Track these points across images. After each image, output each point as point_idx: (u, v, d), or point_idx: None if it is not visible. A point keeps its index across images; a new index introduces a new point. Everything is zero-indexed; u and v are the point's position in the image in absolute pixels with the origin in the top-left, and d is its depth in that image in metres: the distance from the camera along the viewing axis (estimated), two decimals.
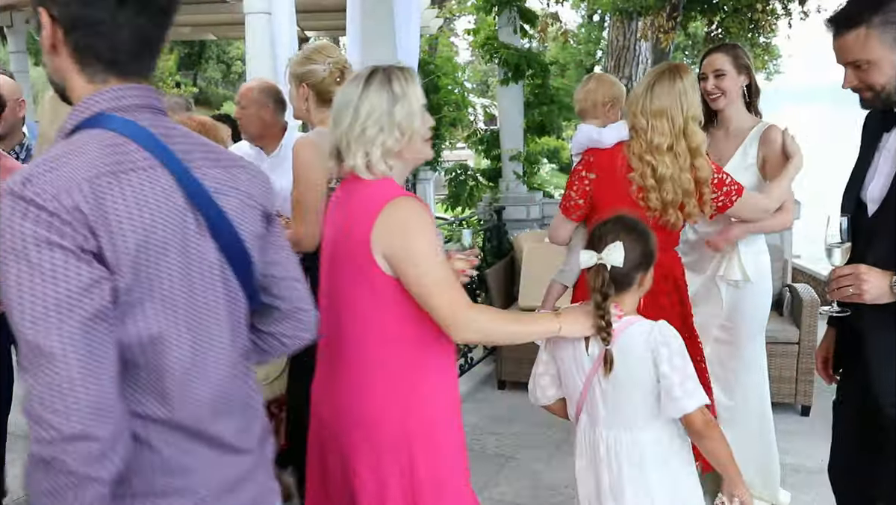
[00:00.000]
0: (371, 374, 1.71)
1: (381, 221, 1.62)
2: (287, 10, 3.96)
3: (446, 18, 14.84)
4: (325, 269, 1.82)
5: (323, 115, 2.43)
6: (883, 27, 1.67)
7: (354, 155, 1.67)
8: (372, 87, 1.67)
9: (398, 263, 1.62)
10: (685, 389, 1.72)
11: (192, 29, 9.92)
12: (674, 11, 6.98)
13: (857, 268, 1.73)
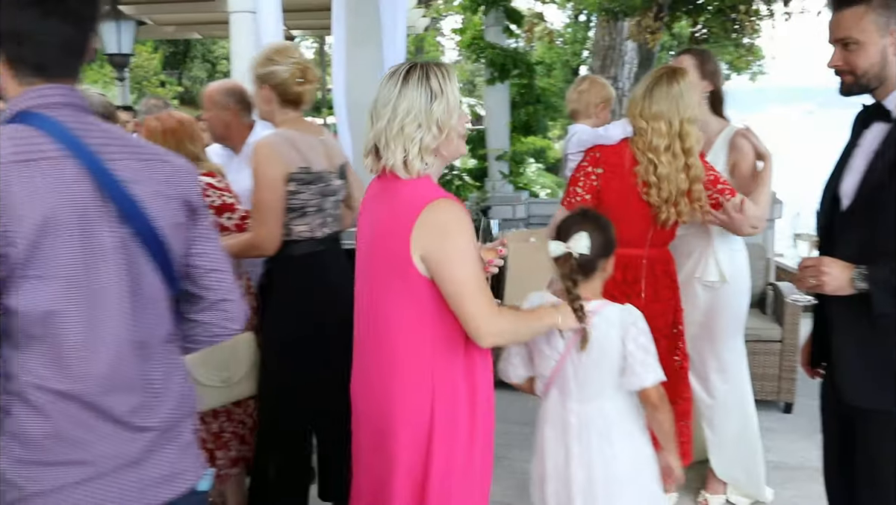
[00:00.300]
0: (403, 371, 1.74)
1: (421, 222, 1.64)
2: (273, 8, 3.94)
3: (433, 18, 14.82)
4: (361, 266, 1.86)
5: (286, 116, 2.43)
6: (880, 10, 1.70)
7: (394, 152, 1.69)
8: (410, 83, 1.68)
9: (435, 265, 1.66)
10: (647, 365, 1.93)
11: (176, 28, 9.86)
12: (660, 12, 7.01)
13: (820, 260, 1.78)
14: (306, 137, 2.42)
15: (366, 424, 1.85)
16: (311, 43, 28.47)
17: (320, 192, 2.41)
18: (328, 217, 2.47)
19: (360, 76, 3.46)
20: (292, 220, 2.38)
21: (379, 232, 1.75)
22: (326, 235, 2.47)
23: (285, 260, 2.41)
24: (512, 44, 6.53)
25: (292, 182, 2.33)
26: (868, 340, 1.79)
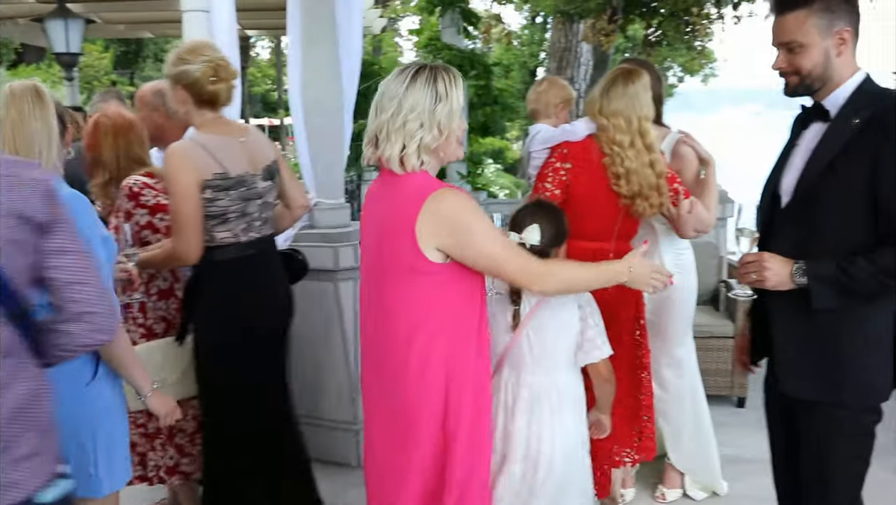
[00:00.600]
0: (416, 360, 1.79)
1: (426, 214, 1.71)
2: (227, 7, 3.87)
3: (390, 18, 14.79)
4: (367, 264, 1.91)
5: (204, 118, 2.36)
6: (821, 13, 1.74)
7: (392, 145, 1.75)
8: (418, 82, 1.74)
9: (461, 252, 1.75)
10: (597, 343, 2.11)
11: (126, 26, 9.63)
12: (614, 15, 7.11)
13: (761, 255, 1.82)
14: (223, 140, 2.35)
15: (381, 416, 1.88)
16: (268, 43, 28.17)
17: (241, 197, 2.35)
18: (255, 221, 2.41)
19: (315, 76, 3.42)
20: (214, 226, 2.33)
21: (383, 229, 1.80)
22: (254, 239, 2.42)
23: (210, 266, 2.36)
24: (469, 45, 6.55)
25: (208, 189, 2.27)
26: (809, 333, 1.83)
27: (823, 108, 1.82)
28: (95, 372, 1.91)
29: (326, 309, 3.45)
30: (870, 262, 1.70)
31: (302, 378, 3.55)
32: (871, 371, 1.83)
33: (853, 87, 1.78)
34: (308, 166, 3.49)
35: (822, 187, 1.76)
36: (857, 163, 1.71)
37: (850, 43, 1.76)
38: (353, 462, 3.47)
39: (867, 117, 1.72)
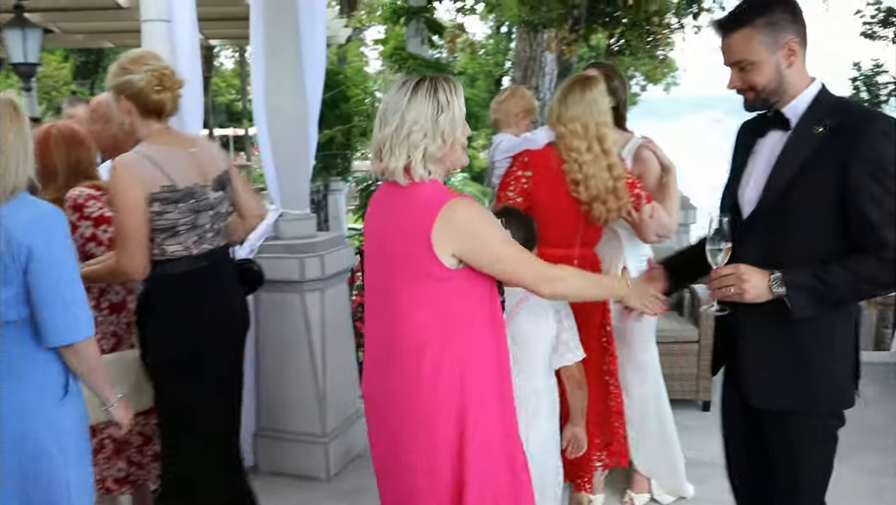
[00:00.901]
0: (429, 365, 1.79)
1: (441, 223, 1.74)
2: (188, 17, 3.83)
3: (355, 28, 14.78)
4: (373, 268, 1.92)
5: (150, 129, 2.33)
6: (765, 29, 1.76)
7: (396, 158, 1.77)
8: (419, 94, 1.77)
9: (477, 258, 1.79)
10: (571, 346, 2.21)
11: (85, 36, 9.47)
12: (576, 24, 7.20)
13: (737, 267, 1.77)
14: (171, 151, 2.32)
15: (390, 423, 1.86)
16: (231, 52, 27.92)
17: (191, 209, 2.32)
18: (207, 232, 2.39)
19: (279, 85, 3.40)
20: (164, 240, 2.30)
21: (394, 236, 1.82)
22: (206, 252, 2.39)
23: (161, 280, 2.34)
24: (435, 54, 6.58)
25: (156, 202, 2.24)
26: (779, 344, 1.83)
27: (783, 117, 1.83)
28: (66, 388, 1.87)
29: (293, 321, 3.42)
30: (846, 269, 1.71)
31: (269, 391, 3.52)
32: (839, 377, 1.85)
33: (811, 97, 1.80)
34: (273, 177, 3.47)
35: (791, 195, 1.77)
36: (826, 171, 1.72)
37: (798, 53, 1.78)
38: (323, 475, 3.44)
39: (832, 126, 1.74)
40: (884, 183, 1.68)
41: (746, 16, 1.79)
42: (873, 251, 1.70)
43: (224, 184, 2.46)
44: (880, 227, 1.68)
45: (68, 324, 1.81)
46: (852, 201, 1.70)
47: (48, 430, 1.82)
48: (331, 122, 8.66)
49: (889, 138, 1.70)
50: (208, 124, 18.25)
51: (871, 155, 1.68)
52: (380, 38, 6.56)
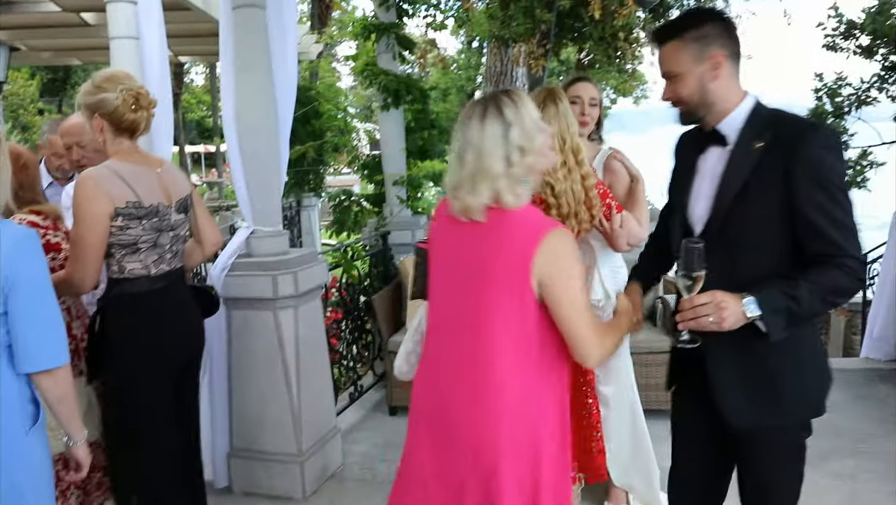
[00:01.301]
0: (510, 392, 1.75)
1: (544, 249, 1.70)
2: (157, 34, 3.81)
3: (326, 44, 14.78)
4: (451, 290, 1.85)
5: (119, 147, 2.34)
6: (693, 42, 1.79)
7: (478, 195, 1.74)
8: (487, 122, 1.74)
9: (555, 288, 1.72)
10: None
11: (52, 54, 9.37)
12: (543, 39, 7.27)
13: (714, 295, 1.71)
14: (139, 169, 2.33)
15: (454, 447, 1.82)
16: (202, 68, 27.78)
17: (154, 228, 2.33)
18: (166, 253, 2.39)
19: (249, 102, 3.38)
20: (124, 256, 2.30)
21: (483, 258, 1.76)
22: (164, 272, 2.39)
23: (118, 299, 2.32)
24: (406, 70, 6.60)
25: (120, 217, 2.25)
26: (747, 363, 1.82)
27: (719, 134, 1.84)
28: (36, 419, 1.82)
29: (266, 338, 3.39)
30: (813, 283, 1.70)
31: (242, 410, 3.48)
32: (810, 390, 1.87)
33: (747, 111, 1.82)
34: (244, 193, 3.44)
35: (738, 212, 1.77)
36: (769, 185, 1.73)
37: (725, 67, 1.79)
38: (298, 495, 3.40)
39: (771, 140, 1.75)
40: (829, 192, 1.70)
41: (677, 28, 1.83)
42: (833, 261, 1.70)
43: (187, 207, 2.48)
44: (835, 237, 1.70)
45: (48, 348, 1.77)
46: (801, 213, 1.71)
47: (16, 462, 1.75)
48: (303, 138, 8.64)
49: (828, 148, 1.72)
50: (179, 141, 18.10)
51: (812, 166, 1.69)
52: (351, 53, 6.56)
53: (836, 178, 1.72)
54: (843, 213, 1.71)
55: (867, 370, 4.83)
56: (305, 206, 10.04)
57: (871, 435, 3.82)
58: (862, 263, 1.74)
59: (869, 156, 8.35)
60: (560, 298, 1.72)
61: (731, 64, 1.81)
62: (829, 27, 8.28)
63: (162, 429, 2.37)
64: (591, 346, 1.75)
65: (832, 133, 1.78)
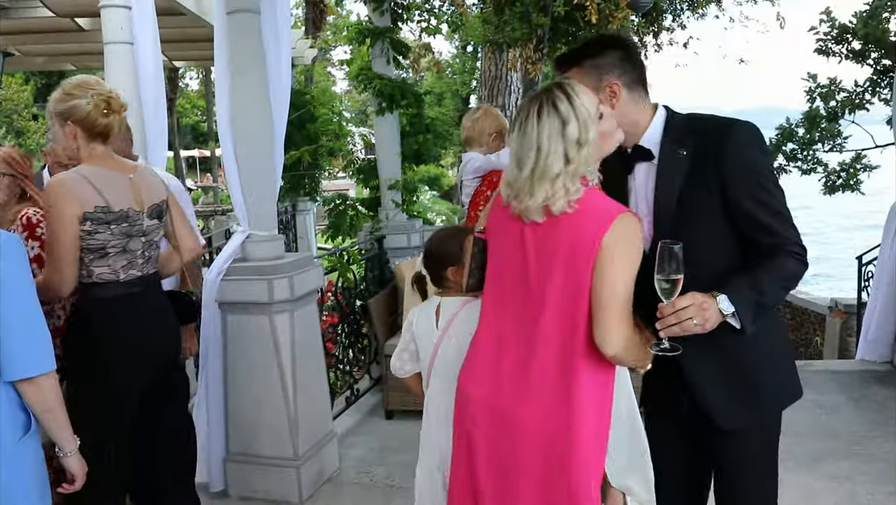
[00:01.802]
0: (579, 381, 1.77)
1: (613, 230, 1.69)
2: (150, 39, 3.82)
3: (321, 49, 14.80)
4: (510, 271, 1.84)
5: (92, 152, 2.35)
6: (591, 71, 1.85)
7: (540, 195, 1.73)
8: (543, 119, 1.73)
9: (600, 263, 1.69)
10: None
11: (46, 59, 9.35)
12: (539, 43, 7.29)
13: (695, 297, 1.69)
14: (110, 174, 2.33)
15: (529, 446, 1.82)
16: (197, 73, 27.78)
17: (123, 233, 2.33)
18: (137, 259, 2.39)
19: (244, 107, 3.38)
20: (92, 261, 2.30)
21: (556, 249, 1.75)
22: (135, 278, 2.38)
23: (88, 304, 2.32)
24: (401, 74, 6.61)
25: (88, 221, 2.25)
26: (724, 365, 1.85)
27: (644, 149, 1.88)
28: (28, 428, 1.79)
29: (262, 343, 3.38)
30: (771, 273, 1.75)
31: (238, 414, 3.47)
32: (784, 380, 1.93)
33: (661, 124, 1.86)
34: (239, 198, 3.44)
35: (680, 220, 1.81)
36: (703, 188, 1.78)
37: (621, 95, 1.83)
38: (295, 499, 3.39)
39: (692, 144, 1.80)
40: (761, 184, 1.76)
41: (576, 57, 1.89)
42: (782, 249, 1.76)
43: (161, 213, 2.48)
44: (777, 227, 1.76)
45: (32, 355, 1.75)
46: (740, 210, 1.76)
47: (9, 472, 1.71)
48: (298, 143, 8.64)
49: (747, 144, 1.77)
50: (174, 146, 18.10)
51: (740, 163, 1.75)
52: (346, 58, 6.58)
53: (763, 170, 1.79)
54: (778, 203, 1.77)
55: (862, 372, 4.84)
56: (301, 211, 10.04)
57: (867, 437, 3.83)
58: (803, 247, 1.79)
59: (863, 159, 8.39)
60: (608, 276, 1.69)
61: (630, 91, 1.85)
62: (822, 31, 8.33)
63: (111, 440, 2.30)
64: (615, 332, 1.70)
65: (750, 127, 1.80)
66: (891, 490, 3.26)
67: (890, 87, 7.91)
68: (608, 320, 1.70)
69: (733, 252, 1.82)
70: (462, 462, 1.92)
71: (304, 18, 13.81)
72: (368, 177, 6.57)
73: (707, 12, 9.76)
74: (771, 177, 1.80)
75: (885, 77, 8.14)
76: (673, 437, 2.09)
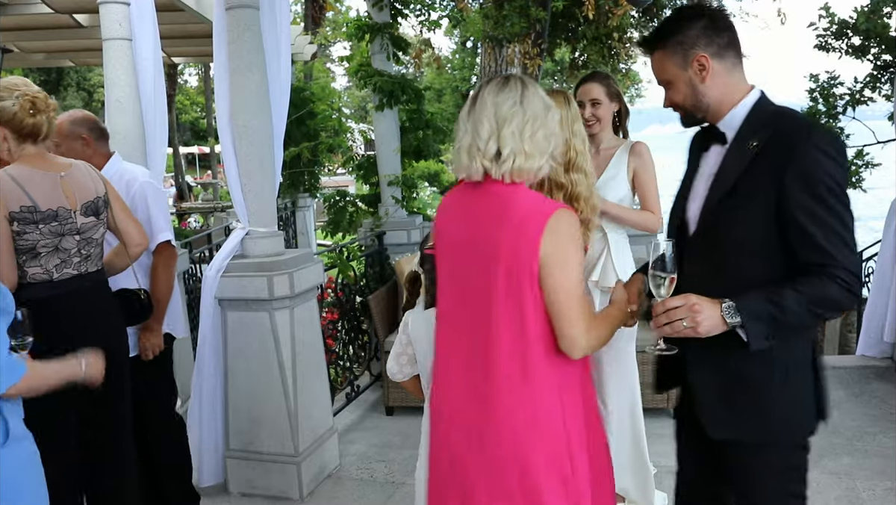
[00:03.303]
0: (536, 385, 1.70)
1: (549, 230, 1.66)
2: (150, 35, 3.81)
3: (321, 45, 14.77)
4: (455, 275, 1.82)
5: (23, 152, 2.36)
6: (676, 48, 1.77)
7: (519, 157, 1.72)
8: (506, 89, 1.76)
9: (551, 269, 1.66)
10: None
11: (45, 56, 9.34)
12: (538, 39, 7.27)
13: (688, 298, 1.64)
14: (38, 174, 2.34)
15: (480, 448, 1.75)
16: (196, 70, 27.73)
17: (54, 232, 2.33)
18: (72, 257, 2.39)
19: (243, 103, 3.37)
20: (25, 262, 2.31)
21: (494, 242, 1.70)
22: (69, 277, 2.39)
23: (21, 305, 2.31)
24: (401, 70, 6.60)
25: (15, 221, 2.27)
26: (731, 376, 1.75)
27: (719, 131, 1.80)
28: (7, 433, 1.75)
29: (262, 339, 3.38)
30: (799, 292, 1.61)
31: (238, 411, 3.47)
32: (797, 405, 1.77)
33: (747, 109, 1.76)
34: (239, 194, 3.44)
35: (725, 212, 1.71)
36: (760, 186, 1.66)
37: (710, 67, 1.75)
38: (295, 495, 3.39)
39: (766, 138, 1.68)
40: (823, 199, 1.61)
41: (659, 38, 1.81)
42: (824, 271, 1.61)
43: (98, 210, 2.48)
44: (826, 247, 1.61)
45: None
46: (791, 218, 1.63)
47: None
48: (297, 139, 8.63)
49: (823, 152, 1.62)
50: (173, 142, 18.08)
51: (806, 169, 1.61)
52: (345, 54, 6.57)
53: (832, 183, 1.62)
54: (838, 222, 1.62)
55: (863, 368, 4.84)
56: (300, 207, 10.04)
57: (868, 432, 3.83)
58: (856, 276, 1.63)
59: (865, 156, 8.38)
60: (556, 279, 1.67)
61: (720, 61, 1.76)
62: (821, 27, 8.31)
63: (53, 441, 2.22)
64: (580, 335, 1.68)
65: (833, 136, 1.69)
66: (891, 486, 3.26)
67: (891, 83, 7.90)
68: (571, 325, 1.68)
69: (773, 265, 1.68)
70: (438, 478, 1.88)
71: (303, 14, 13.79)
72: (368, 173, 6.57)
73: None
74: (837, 192, 1.62)
75: (885, 72, 8.12)
76: (688, 437, 2.02)
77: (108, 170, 2.88)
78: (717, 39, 1.75)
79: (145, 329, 2.88)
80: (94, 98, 25.62)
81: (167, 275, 2.91)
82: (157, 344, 2.92)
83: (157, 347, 2.92)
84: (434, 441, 1.91)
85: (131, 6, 3.70)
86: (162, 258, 2.89)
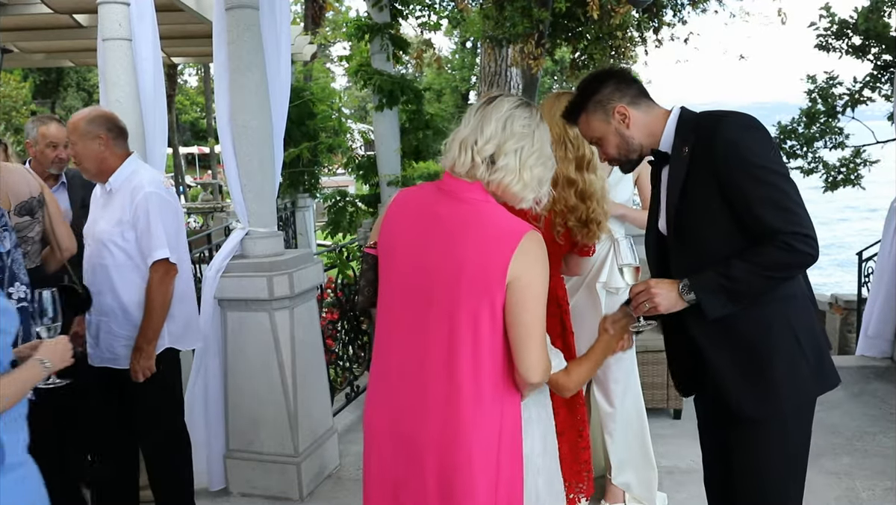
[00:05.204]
0: (479, 399, 1.67)
1: (521, 250, 1.62)
2: (149, 36, 3.81)
3: (321, 45, 14.77)
4: (407, 278, 1.73)
5: None
6: (595, 107, 1.97)
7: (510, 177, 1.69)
8: (518, 109, 1.73)
9: (517, 291, 1.63)
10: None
11: (45, 56, 9.33)
12: (541, 39, 7.27)
13: (647, 283, 1.89)
14: None
15: (416, 458, 1.77)
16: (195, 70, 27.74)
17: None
18: None
19: (243, 103, 3.37)
20: None
21: (460, 255, 1.65)
22: None
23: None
24: (401, 70, 6.60)
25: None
26: (739, 354, 1.87)
27: (662, 152, 1.97)
28: (2, 460, 1.64)
29: (262, 339, 3.38)
30: (746, 261, 1.76)
31: (238, 411, 3.47)
32: (807, 371, 1.89)
33: (674, 124, 1.94)
34: (239, 195, 3.43)
35: (687, 215, 1.89)
36: (703, 185, 1.83)
37: (631, 114, 1.95)
38: (295, 495, 3.39)
39: (692, 142, 1.86)
40: (749, 172, 1.76)
41: (579, 104, 2.00)
42: (766, 238, 1.76)
43: (33, 210, 2.53)
44: (764, 215, 1.75)
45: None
46: (736, 201, 1.79)
47: None
48: (297, 139, 8.63)
49: (737, 131, 1.79)
50: (173, 142, 18.07)
51: (728, 152, 1.78)
52: (345, 54, 6.57)
53: (753, 157, 1.77)
54: (772, 190, 1.76)
55: (863, 368, 4.84)
56: (300, 207, 10.04)
57: (867, 432, 3.83)
58: (804, 234, 1.74)
59: (863, 154, 8.39)
60: (521, 304, 1.64)
61: (636, 108, 1.96)
62: (822, 27, 8.31)
63: None
64: (538, 360, 1.67)
65: (743, 116, 1.84)
66: (890, 486, 3.26)
67: (890, 83, 7.90)
68: (532, 349, 1.66)
69: (741, 249, 1.80)
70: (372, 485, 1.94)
71: (302, 14, 13.79)
72: (368, 173, 6.57)
73: (707, 7, 9.74)
74: (761, 163, 1.77)
75: (885, 72, 8.13)
76: (708, 423, 2.14)
77: (119, 174, 2.79)
78: (628, 91, 1.97)
79: (135, 350, 2.75)
80: (93, 98, 25.61)
81: (160, 293, 2.75)
82: (147, 366, 2.76)
83: (147, 369, 2.76)
84: (369, 438, 1.97)
85: (131, 6, 3.70)
86: (157, 275, 2.74)
